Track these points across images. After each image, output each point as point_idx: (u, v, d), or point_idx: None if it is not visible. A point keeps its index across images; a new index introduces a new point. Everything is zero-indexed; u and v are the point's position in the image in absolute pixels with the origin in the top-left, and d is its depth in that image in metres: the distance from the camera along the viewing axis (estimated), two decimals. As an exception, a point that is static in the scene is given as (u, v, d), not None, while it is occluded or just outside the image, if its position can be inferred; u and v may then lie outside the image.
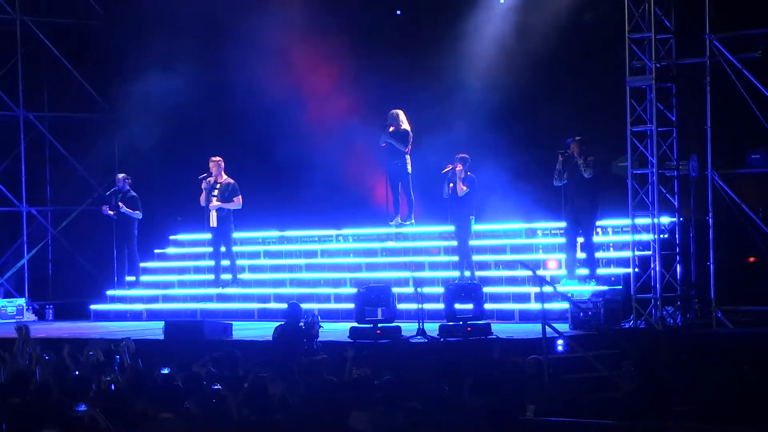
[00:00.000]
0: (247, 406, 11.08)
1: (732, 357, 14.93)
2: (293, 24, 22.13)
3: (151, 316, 21.38)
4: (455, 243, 19.71)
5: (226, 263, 21.50)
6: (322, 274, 21.23)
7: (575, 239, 18.64)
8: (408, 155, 20.75)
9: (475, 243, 19.70)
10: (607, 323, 16.77)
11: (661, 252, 17.64)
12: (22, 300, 23.77)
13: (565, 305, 17.18)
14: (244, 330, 18.37)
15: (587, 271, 18.42)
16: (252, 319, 20.46)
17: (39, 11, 24.76)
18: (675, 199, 17.86)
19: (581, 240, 18.59)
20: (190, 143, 23.35)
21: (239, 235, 21.85)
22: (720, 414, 11.38)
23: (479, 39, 21.75)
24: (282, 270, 21.83)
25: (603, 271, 18.59)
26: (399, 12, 23.22)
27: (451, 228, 19.87)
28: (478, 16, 21.84)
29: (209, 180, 21.30)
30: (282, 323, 15.90)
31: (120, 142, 24.30)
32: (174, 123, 23.40)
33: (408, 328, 16.65)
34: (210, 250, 21.80)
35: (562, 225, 19.12)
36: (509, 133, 20.97)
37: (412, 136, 20.76)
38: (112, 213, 22.44)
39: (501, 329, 16.73)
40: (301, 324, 15.74)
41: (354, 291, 17.91)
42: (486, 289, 17.94)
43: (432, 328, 16.45)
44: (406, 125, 20.81)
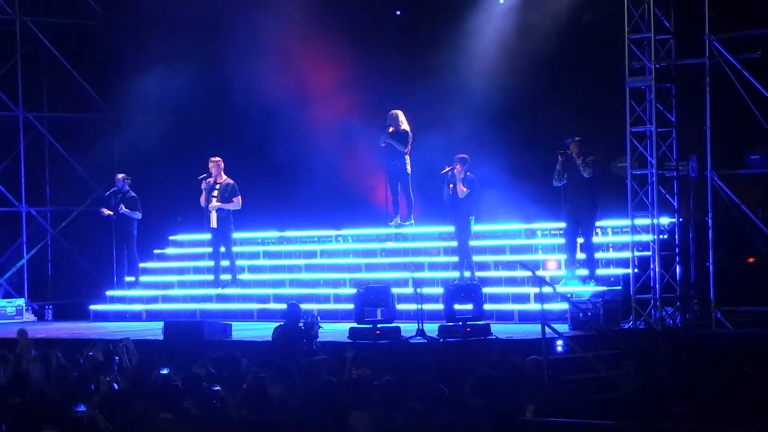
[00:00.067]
0: (247, 406, 11.08)
1: (731, 357, 14.93)
2: (293, 24, 22.12)
3: (151, 316, 21.37)
4: (455, 243, 19.70)
5: (225, 264, 21.48)
6: (321, 274, 21.22)
7: (575, 240, 18.63)
8: (407, 156, 20.74)
9: (475, 243, 19.68)
10: (607, 324, 16.76)
11: (661, 252, 17.63)
12: (21, 300, 23.75)
13: (565, 306, 17.17)
14: (243, 330, 18.35)
15: (587, 272, 18.40)
16: (251, 320, 20.44)
17: (38, 11, 24.75)
18: (674, 200, 17.85)
19: (581, 240, 18.58)
20: (189, 143, 23.32)
21: (239, 236, 21.84)
22: (719, 414, 11.38)
23: (479, 39, 21.74)
24: (281, 270, 21.82)
25: (602, 272, 18.57)
26: (399, 12, 23.23)
27: (451, 228, 19.86)
28: (477, 16, 21.84)
29: (209, 180, 21.28)
30: (281, 324, 15.87)
31: (119, 142, 24.27)
32: (173, 123, 23.38)
33: (407, 328, 16.63)
34: (210, 250, 21.80)
35: (561, 225, 19.10)
36: (509, 133, 20.96)
37: (411, 136, 20.75)
38: (110, 214, 22.43)
39: (500, 330, 16.71)
40: (301, 324, 15.72)
41: (353, 291, 17.89)
42: (485, 290, 17.93)
43: (431, 328, 16.42)
44: (405, 126, 20.80)
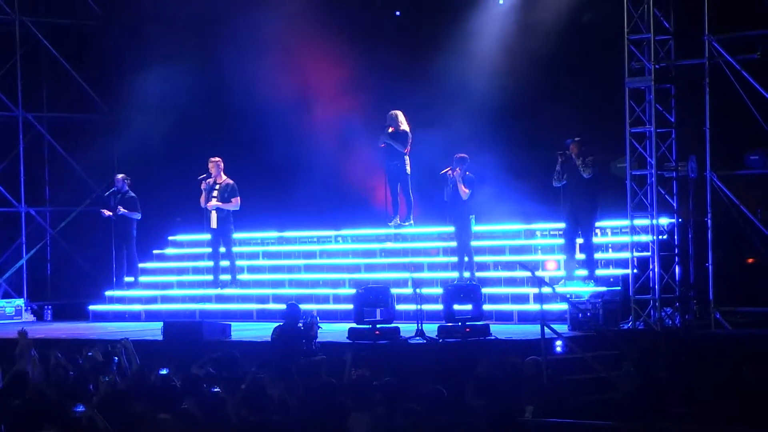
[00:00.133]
0: (246, 407, 11.07)
1: (730, 358, 14.94)
2: (293, 24, 22.12)
3: (150, 316, 21.37)
4: (455, 244, 19.69)
5: (225, 264, 21.48)
6: (320, 274, 21.21)
7: (574, 240, 18.62)
8: (407, 156, 20.73)
9: (474, 244, 19.66)
10: (606, 324, 16.75)
11: (660, 253, 17.63)
12: (20, 300, 23.74)
13: (564, 306, 17.17)
14: (242, 331, 18.34)
15: (586, 272, 18.40)
16: (251, 320, 20.43)
17: (38, 12, 24.74)
18: (674, 200, 17.85)
19: (580, 241, 18.58)
20: (189, 144, 23.31)
21: (238, 236, 21.83)
22: (718, 415, 11.40)
23: (479, 39, 21.75)
24: (281, 271, 21.82)
25: (602, 272, 18.56)
26: (398, 13, 23.22)
27: (450, 229, 19.86)
28: (477, 16, 21.85)
29: (208, 181, 21.28)
30: (281, 324, 15.86)
31: (119, 142, 24.24)
32: (173, 123, 23.36)
33: (407, 329, 16.61)
34: (209, 250, 21.79)
35: (561, 226, 19.10)
36: (509, 133, 20.96)
37: (411, 136, 20.75)
38: (110, 214, 22.44)
39: (500, 330, 16.71)
40: (300, 325, 15.71)
41: (353, 292, 17.87)
42: (485, 290, 17.91)
43: (431, 329, 16.42)
44: (405, 126, 20.79)
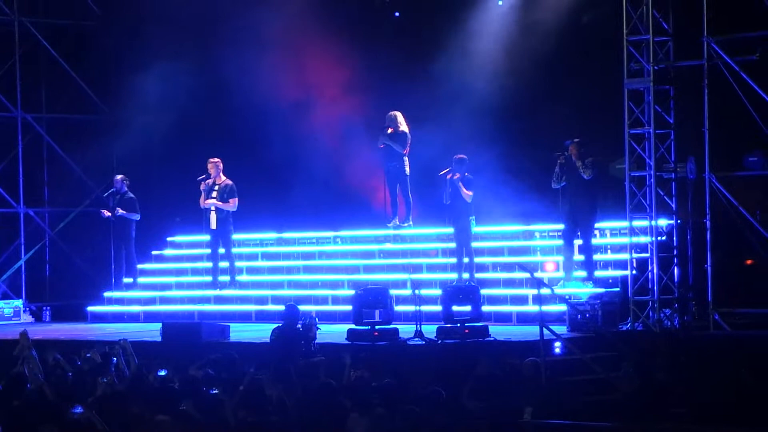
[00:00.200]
0: (244, 408, 11.07)
1: (729, 359, 14.95)
2: (292, 25, 22.12)
3: (149, 317, 21.37)
4: (454, 245, 19.67)
5: (224, 265, 21.47)
6: (319, 275, 21.21)
7: (573, 241, 18.63)
8: (406, 157, 20.72)
9: (474, 245, 19.65)
10: (605, 325, 16.76)
11: (659, 254, 17.63)
12: (19, 301, 23.71)
13: (563, 307, 17.18)
14: (241, 332, 18.35)
15: (585, 273, 18.40)
16: (249, 321, 20.43)
17: (37, 12, 24.73)
18: (672, 202, 17.85)
19: (579, 242, 18.58)
20: (188, 144, 23.30)
21: (237, 237, 21.82)
22: (717, 416, 11.41)
23: (478, 39, 21.74)
24: (280, 272, 21.81)
25: (601, 274, 18.55)
26: (397, 14, 23.22)
27: (450, 230, 19.85)
28: (477, 16, 21.84)
29: (208, 182, 21.27)
30: (279, 325, 15.86)
31: (118, 143, 24.21)
32: (172, 124, 23.35)
33: (406, 330, 16.62)
34: (208, 251, 21.78)
35: (560, 227, 19.10)
36: (509, 133, 20.96)
37: (410, 137, 20.74)
38: (109, 215, 22.43)
39: (498, 331, 16.71)
40: (299, 326, 15.72)
41: (352, 293, 17.88)
42: (483, 291, 17.91)
43: (430, 330, 16.42)
44: (404, 127, 20.78)
